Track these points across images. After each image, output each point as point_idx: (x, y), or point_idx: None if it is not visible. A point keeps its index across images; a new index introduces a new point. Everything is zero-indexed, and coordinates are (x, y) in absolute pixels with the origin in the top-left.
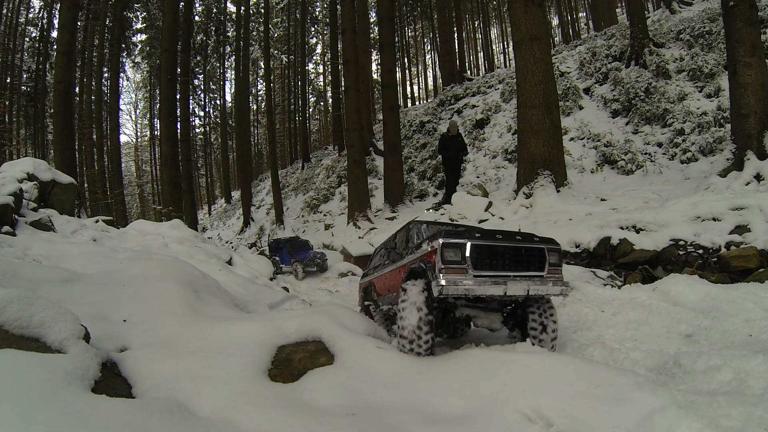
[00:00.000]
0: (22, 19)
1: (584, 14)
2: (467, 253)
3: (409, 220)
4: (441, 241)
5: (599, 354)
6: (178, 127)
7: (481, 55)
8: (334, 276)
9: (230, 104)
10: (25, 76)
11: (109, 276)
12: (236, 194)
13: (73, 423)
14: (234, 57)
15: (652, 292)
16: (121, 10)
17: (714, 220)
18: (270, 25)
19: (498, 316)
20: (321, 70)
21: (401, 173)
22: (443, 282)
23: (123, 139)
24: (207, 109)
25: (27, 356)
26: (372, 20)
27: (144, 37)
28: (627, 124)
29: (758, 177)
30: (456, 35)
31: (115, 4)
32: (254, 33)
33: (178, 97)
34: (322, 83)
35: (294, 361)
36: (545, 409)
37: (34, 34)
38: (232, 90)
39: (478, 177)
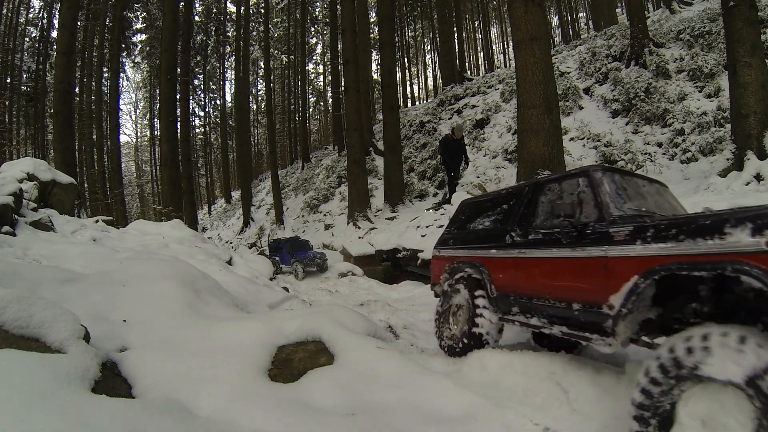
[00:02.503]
0: (22, 19)
1: (584, 14)
2: None
3: (589, 165)
4: None
5: (597, 354)
6: (178, 127)
7: (481, 55)
8: (334, 276)
9: (230, 104)
10: (25, 76)
11: (109, 276)
12: (236, 194)
13: (73, 423)
14: (234, 57)
15: None
16: (121, 10)
17: None
18: (270, 25)
19: None
20: (321, 70)
21: (401, 173)
22: None
23: (123, 139)
24: (207, 109)
25: (27, 356)
26: (372, 20)
27: (144, 37)
28: (627, 124)
29: (758, 177)
30: (456, 35)
31: (115, 4)
32: (254, 33)
33: (178, 97)
34: (322, 83)
35: (294, 361)
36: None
37: (34, 34)
38: (232, 90)
39: (478, 177)
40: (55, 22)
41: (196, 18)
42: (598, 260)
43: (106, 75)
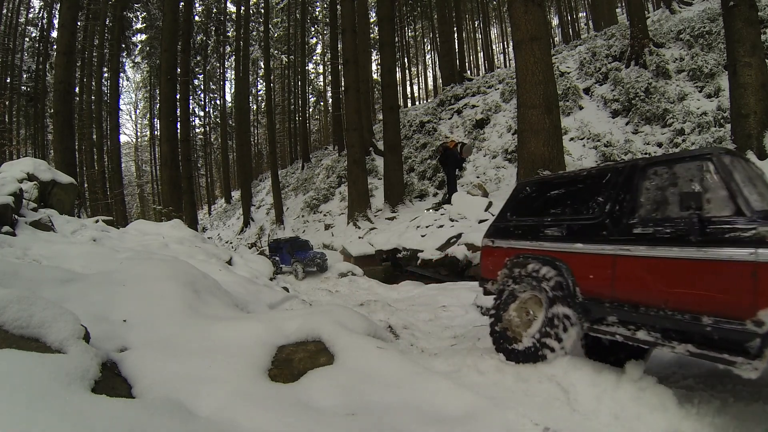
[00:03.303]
0: (22, 19)
1: (584, 14)
2: None
3: (712, 147)
4: None
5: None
6: (178, 127)
7: (481, 55)
8: (334, 276)
9: (230, 104)
10: (25, 76)
11: (109, 276)
12: (236, 194)
13: (73, 423)
14: (234, 57)
15: None
16: (121, 10)
17: None
18: (270, 25)
19: None
20: (321, 70)
21: (401, 173)
22: None
23: (123, 139)
24: (207, 109)
25: (27, 356)
26: (372, 20)
27: (144, 37)
28: (627, 124)
29: None
30: (456, 35)
31: (115, 4)
32: (254, 33)
33: (178, 97)
34: (322, 83)
35: (294, 361)
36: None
37: (34, 34)
38: (232, 90)
39: (478, 177)
40: (55, 22)
41: (196, 18)
42: (744, 265)
43: (106, 75)
